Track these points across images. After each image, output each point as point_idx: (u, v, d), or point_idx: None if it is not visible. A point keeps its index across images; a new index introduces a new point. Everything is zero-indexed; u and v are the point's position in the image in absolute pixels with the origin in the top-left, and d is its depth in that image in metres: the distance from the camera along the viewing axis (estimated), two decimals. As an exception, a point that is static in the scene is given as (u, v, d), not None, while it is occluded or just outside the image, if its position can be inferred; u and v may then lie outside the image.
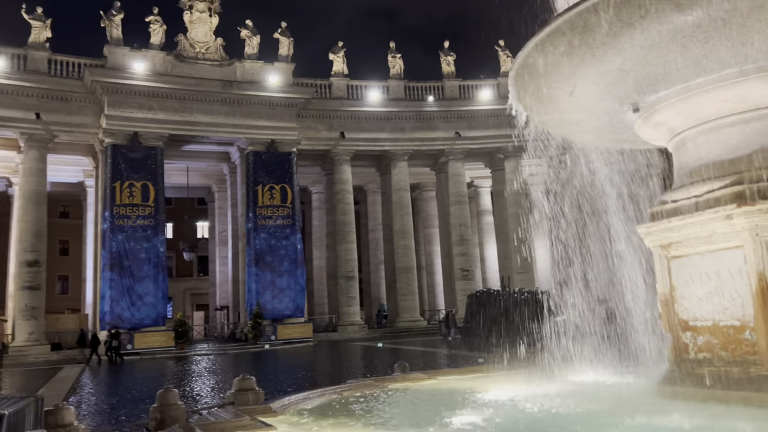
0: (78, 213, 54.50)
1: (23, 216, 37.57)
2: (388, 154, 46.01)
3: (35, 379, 23.49)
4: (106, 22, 38.51)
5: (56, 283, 61.27)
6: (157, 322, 36.67)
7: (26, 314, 35.79)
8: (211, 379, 22.87)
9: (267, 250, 39.93)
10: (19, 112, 36.74)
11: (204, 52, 40.71)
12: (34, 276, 36.46)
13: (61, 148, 39.50)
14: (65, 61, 38.63)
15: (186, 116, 39.53)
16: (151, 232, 37.49)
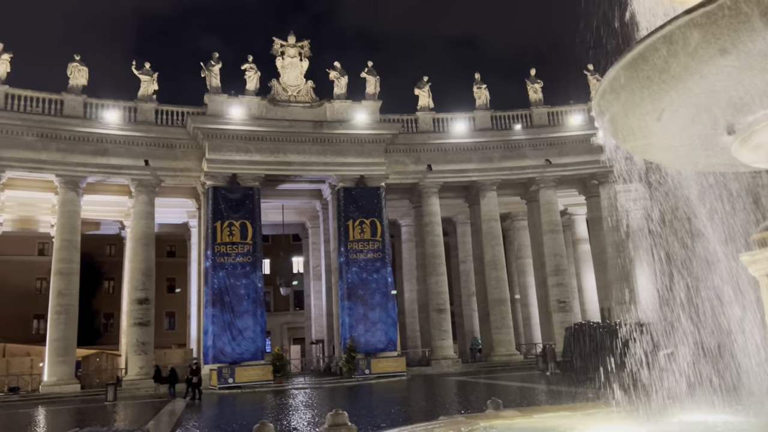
0: (183, 252, 57.76)
1: (134, 256, 40.29)
2: (477, 184, 45.70)
3: (145, 412, 24.80)
4: (205, 72, 41.18)
5: (164, 319, 64.88)
6: (257, 356, 37.84)
7: (137, 349, 38.07)
8: (307, 413, 23.21)
9: (359, 284, 40.45)
10: (129, 159, 39.79)
11: (296, 95, 42.48)
12: (144, 313, 38.83)
13: (167, 191, 42.24)
14: (170, 111, 41.55)
15: (280, 157, 41.22)
16: (249, 268, 39.02)
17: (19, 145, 37.24)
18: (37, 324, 63.13)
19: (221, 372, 35.70)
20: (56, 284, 37.78)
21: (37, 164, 37.78)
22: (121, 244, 51.52)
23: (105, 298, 68.29)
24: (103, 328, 68.98)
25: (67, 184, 38.43)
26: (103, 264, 67.51)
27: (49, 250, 47.42)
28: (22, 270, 62.55)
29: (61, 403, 32.23)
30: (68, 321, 37.17)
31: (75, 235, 38.68)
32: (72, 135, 38.58)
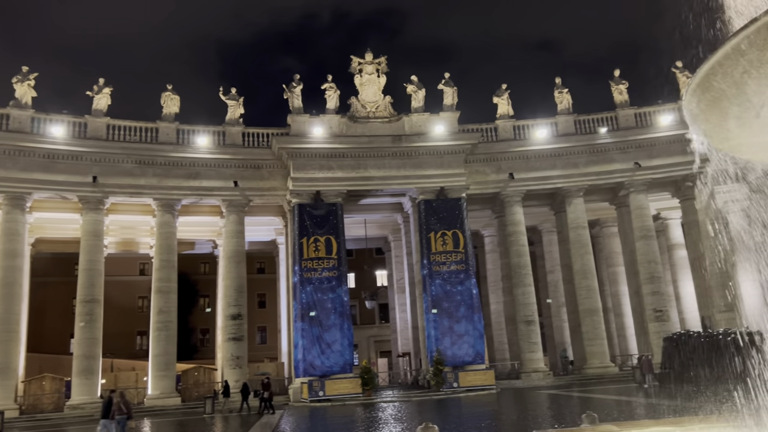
0: (272, 268, 59.63)
1: (227, 273, 42.00)
2: (562, 191, 44.49)
3: (241, 425, 25.66)
4: (288, 94, 42.60)
5: (256, 334, 67.08)
6: (345, 369, 38.35)
7: (232, 363, 39.56)
8: (397, 426, 23.24)
9: (443, 296, 40.23)
10: (220, 181, 41.68)
11: (374, 111, 43.10)
12: (238, 328, 40.34)
13: (255, 210, 43.85)
14: (255, 133, 43.24)
15: (361, 172, 41.87)
16: (335, 282, 39.73)
17: (120, 173, 39.88)
18: (140, 340, 67.02)
19: (312, 385, 36.42)
20: (156, 302, 39.97)
21: (136, 189, 40.29)
22: (214, 262, 53.85)
23: (201, 314, 71.50)
24: (200, 344, 72.18)
25: (163, 206, 40.71)
26: (198, 282, 70.80)
27: (149, 269, 50.27)
28: (125, 289, 66.62)
29: (164, 416, 33.93)
30: (168, 337, 39.19)
31: (172, 255, 40.82)
32: (167, 160, 40.90)
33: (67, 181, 38.67)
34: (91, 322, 37.83)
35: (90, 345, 37.50)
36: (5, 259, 36.98)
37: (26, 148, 37.79)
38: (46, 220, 42.38)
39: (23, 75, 38.78)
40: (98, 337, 38.02)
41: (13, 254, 37.29)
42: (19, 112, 38.00)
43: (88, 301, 38.09)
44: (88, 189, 38.95)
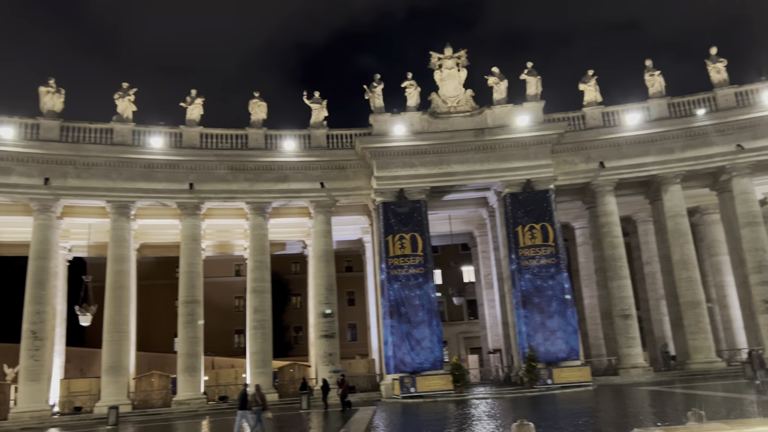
0: (359, 266, 60.59)
1: (317, 273, 43.06)
2: (657, 178, 42.38)
3: (336, 420, 26.23)
4: (369, 94, 43.07)
5: (347, 331, 68.39)
6: (435, 365, 38.35)
7: (325, 360, 40.54)
8: (490, 423, 22.99)
9: (533, 291, 39.36)
10: (307, 183, 42.79)
11: (455, 106, 42.78)
12: (329, 325, 41.28)
13: (341, 210, 44.68)
14: (339, 134, 44.04)
15: (444, 168, 41.68)
16: (422, 279, 39.79)
17: (214, 179, 41.79)
18: (238, 338, 70.01)
19: (403, 381, 36.69)
20: (252, 302, 41.59)
21: (229, 194, 42.08)
22: (304, 262, 55.36)
23: (293, 312, 73.77)
24: (294, 341, 74.50)
25: (255, 210, 42.28)
26: (290, 281, 73.12)
27: (244, 270, 52.35)
28: (222, 290, 69.84)
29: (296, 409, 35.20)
30: (264, 335, 40.69)
31: (265, 255, 42.33)
32: (256, 165, 42.44)
33: (166, 189, 40.96)
34: (192, 321, 39.90)
35: (192, 344, 39.55)
36: (114, 264, 39.69)
37: (129, 159, 40.34)
38: (148, 227, 45.05)
39: (124, 91, 41.42)
40: (199, 336, 40.04)
41: (120, 259, 39.95)
42: (122, 125, 40.62)
43: (189, 302, 40.18)
44: (185, 195, 41.09)
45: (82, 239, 44.71)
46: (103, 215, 40.97)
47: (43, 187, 38.44)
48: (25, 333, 37.00)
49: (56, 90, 39.95)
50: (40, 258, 38.15)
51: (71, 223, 42.32)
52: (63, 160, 39.08)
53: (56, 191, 38.79)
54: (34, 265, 37.99)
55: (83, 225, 43.08)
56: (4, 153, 37.85)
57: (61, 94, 40.09)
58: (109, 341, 38.41)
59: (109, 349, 38.24)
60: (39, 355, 36.87)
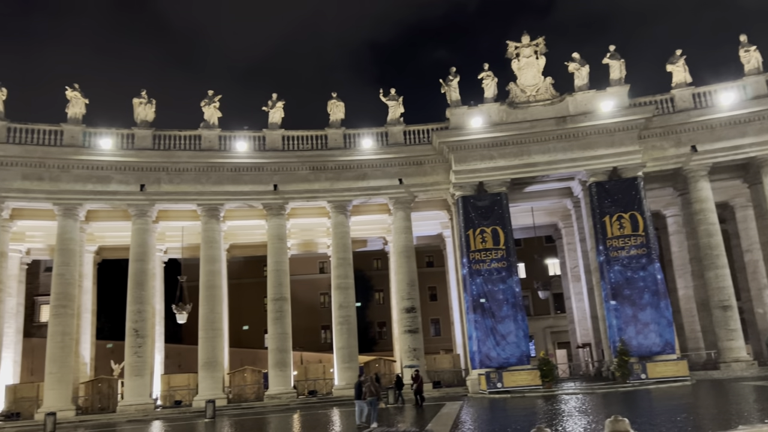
0: (440, 261, 60.49)
1: (398, 268, 43.35)
2: (756, 161, 39.70)
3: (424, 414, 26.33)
4: (445, 88, 42.81)
5: (430, 326, 68.45)
6: (522, 360, 37.71)
7: (410, 355, 40.77)
8: (582, 419, 22.39)
9: (623, 283, 37.89)
10: (386, 180, 43.13)
11: (535, 95, 41.80)
12: (412, 321, 41.47)
13: (420, 206, 44.72)
14: (416, 130, 44.09)
15: (524, 159, 40.83)
16: (505, 273, 39.21)
17: (296, 179, 42.91)
18: (324, 334, 71.63)
19: (489, 377, 36.34)
20: (336, 298, 42.43)
21: (311, 194, 43.09)
22: (385, 258, 55.88)
23: (376, 308, 74.64)
24: (378, 336, 75.39)
25: (336, 208, 43.07)
26: (372, 277, 73.99)
27: (328, 268, 53.49)
28: (308, 287, 71.65)
29: (351, 405, 35.87)
30: (349, 331, 41.41)
31: (347, 253, 43.06)
32: (336, 164, 43.21)
33: (252, 191, 42.47)
34: (281, 318, 41.18)
35: (281, 339, 40.83)
36: (206, 264, 41.57)
37: (216, 164, 42.11)
38: (237, 228, 46.85)
39: (209, 98, 43.25)
40: (288, 332, 41.28)
41: (212, 260, 41.79)
42: (209, 132, 42.45)
43: (277, 299, 41.49)
44: (270, 197, 42.44)
45: (176, 242, 47.11)
46: (194, 218, 42.97)
47: (140, 193, 40.80)
48: (129, 331, 39.45)
49: (148, 101, 42.24)
50: (139, 260, 40.54)
51: (166, 226, 44.65)
52: (156, 167, 41.30)
53: (151, 197, 41.06)
54: (134, 267, 40.41)
55: (177, 228, 45.37)
56: (104, 162, 40.46)
57: (152, 105, 42.36)
58: (204, 338, 40.29)
59: (204, 346, 40.13)
60: (141, 352, 39.21)
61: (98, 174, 40.43)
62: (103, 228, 44.77)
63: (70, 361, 38.66)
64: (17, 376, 43.97)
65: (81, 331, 43.57)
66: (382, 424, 22.24)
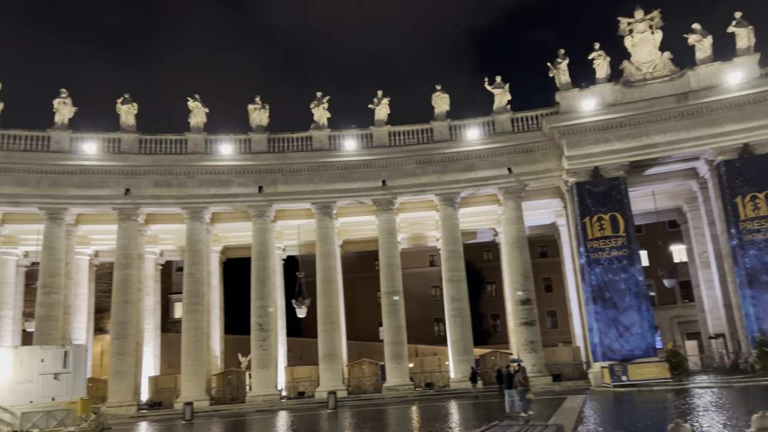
0: (554, 251, 58.68)
1: (511, 260, 42.57)
2: None
3: (545, 408, 25.71)
4: (553, 71, 41.37)
5: (546, 318, 66.70)
6: (648, 352, 35.81)
7: (527, 348, 39.93)
8: (721, 414, 20.89)
9: (761, 269, 34.87)
10: (494, 170, 42.44)
11: (651, 72, 39.42)
12: (528, 313, 40.57)
13: (531, 194, 43.59)
14: (524, 117, 42.99)
15: (643, 140, 38.64)
16: (626, 262, 37.37)
17: (403, 174, 43.29)
18: (437, 327, 71.84)
19: (613, 370, 34.83)
20: (448, 291, 42.39)
21: (419, 188, 43.28)
22: (496, 249, 55.02)
23: (489, 300, 73.83)
24: (492, 329, 74.54)
25: (444, 201, 42.98)
26: (483, 269, 73.24)
27: (438, 261, 53.52)
28: (419, 280, 72.14)
29: (467, 398, 35.80)
30: (463, 323, 41.24)
31: (457, 245, 42.86)
32: (443, 157, 43.07)
33: (361, 188, 43.35)
34: (395, 311, 41.77)
35: (396, 332, 41.41)
36: (322, 260, 42.98)
37: (327, 163, 43.38)
38: (349, 224, 48.03)
39: (318, 100, 44.59)
40: (402, 325, 41.78)
41: (327, 255, 43.14)
42: (319, 132, 43.81)
43: (390, 293, 42.12)
44: (379, 192, 43.11)
45: (292, 239, 49.09)
46: (309, 216, 44.54)
47: (258, 194, 42.89)
48: (253, 326, 41.63)
49: (261, 106, 44.25)
50: (261, 258, 42.65)
51: (283, 225, 46.63)
52: (272, 169, 43.23)
53: (269, 197, 43.04)
54: (256, 265, 42.57)
55: (293, 226, 47.25)
56: (225, 167, 42.93)
57: (266, 109, 44.34)
58: (323, 331, 41.71)
59: (323, 339, 41.55)
60: (266, 345, 41.27)
61: (220, 178, 42.97)
62: (227, 229, 47.51)
63: (202, 354, 41.47)
64: (157, 368, 47.81)
65: (211, 326, 46.56)
66: (500, 417, 21.95)
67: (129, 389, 39.86)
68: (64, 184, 40.87)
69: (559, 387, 38.07)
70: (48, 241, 40.16)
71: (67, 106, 41.87)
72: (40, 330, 38.78)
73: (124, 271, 41.14)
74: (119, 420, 35.30)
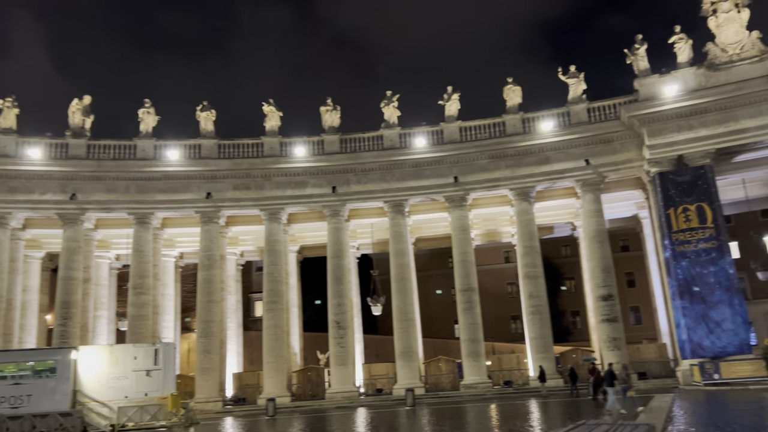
0: (636, 245, 56.44)
1: (590, 254, 41.28)
2: None
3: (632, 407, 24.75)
4: (631, 58, 39.77)
5: (629, 314, 64.26)
6: (741, 349, 33.82)
7: (609, 345, 38.63)
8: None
9: None
10: (570, 162, 41.29)
11: (739, 53, 37.18)
12: (610, 309, 39.22)
13: (611, 186, 42.11)
14: (600, 106, 41.58)
15: (730, 126, 36.52)
16: (715, 254, 35.46)
17: (476, 169, 42.83)
18: (514, 324, 70.67)
19: (704, 367, 33.18)
20: (525, 287, 41.60)
21: (492, 183, 42.70)
22: (574, 244, 53.52)
23: (568, 297, 71.94)
24: (571, 326, 72.58)
25: (519, 195, 42.20)
26: (561, 265, 71.43)
27: (513, 257, 52.64)
28: (494, 277, 71.19)
29: (556, 396, 34.99)
30: (542, 320, 40.36)
31: (534, 241, 41.98)
32: (516, 151, 42.32)
33: (433, 185, 43.24)
34: (470, 308, 41.39)
35: (472, 330, 41.03)
36: (396, 258, 43.17)
37: (398, 161, 43.54)
38: (421, 221, 47.95)
39: (388, 99, 44.81)
40: (478, 323, 41.35)
41: (401, 253, 43.30)
42: (390, 131, 44.04)
43: (465, 290, 41.78)
44: (451, 189, 42.85)
45: (366, 238, 49.56)
46: (381, 215, 44.85)
47: (332, 194, 43.59)
48: (331, 323, 42.35)
49: (333, 107, 44.93)
50: (336, 257, 43.33)
51: (356, 224, 47.15)
52: (345, 169, 43.82)
53: (342, 197, 43.66)
54: (332, 264, 43.29)
55: (366, 225, 47.69)
56: (300, 169, 43.90)
57: (337, 111, 44.98)
58: (399, 329, 41.90)
59: (399, 336, 41.74)
60: (344, 342, 41.89)
61: (295, 180, 43.98)
62: (303, 229, 48.53)
63: (283, 351, 42.59)
64: (240, 365, 49.47)
65: (290, 323, 47.72)
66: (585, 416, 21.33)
67: (215, 385, 41.45)
68: (150, 189, 43.00)
69: (645, 385, 36.58)
70: (137, 245, 42.37)
71: (150, 115, 44.06)
72: (132, 329, 41.00)
73: (207, 272, 42.83)
74: (206, 415, 36.77)
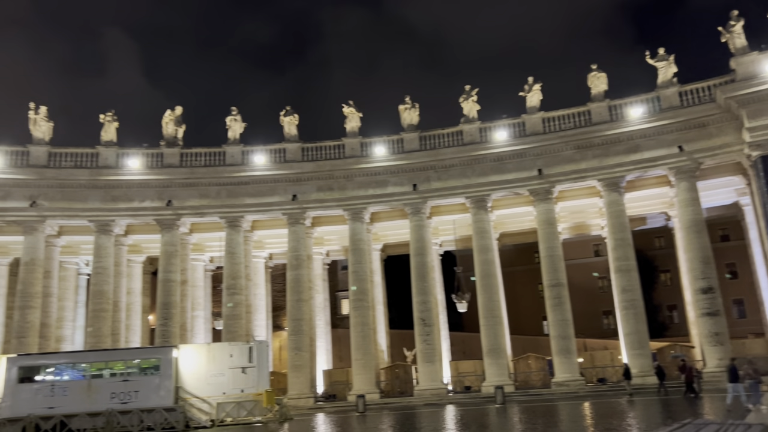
0: (738, 234, 52.98)
1: (687, 245, 39.15)
2: None
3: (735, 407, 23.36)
4: (726, 35, 37.42)
5: (731, 308, 60.47)
6: None
7: (711, 340, 36.52)
8: None
9: None
10: (662, 150, 39.36)
11: None
12: (711, 302, 37.07)
13: (707, 173, 39.80)
14: (693, 89, 39.36)
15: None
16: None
17: (560, 161, 41.63)
18: (606, 319, 68.23)
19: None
20: (618, 281, 40.02)
21: (578, 174, 41.36)
22: (668, 235, 51.00)
23: (664, 290, 68.74)
24: (668, 321, 69.24)
25: (608, 186, 40.63)
26: (655, 257, 68.32)
27: (603, 250, 50.73)
28: (583, 271, 69.01)
29: (645, 394, 33.58)
30: (636, 315, 38.69)
31: (625, 232, 40.31)
32: (603, 140, 40.78)
33: (516, 179, 42.42)
34: (559, 304, 40.30)
35: (562, 326, 39.92)
36: (480, 254, 42.70)
37: (479, 156, 43.05)
38: (504, 216, 47.13)
39: (467, 93, 44.35)
40: (569, 319, 40.18)
41: (485, 249, 42.77)
42: (469, 126, 43.61)
43: (553, 285, 40.71)
44: (535, 182, 41.87)
45: (448, 235, 49.26)
46: (463, 211, 44.49)
47: (413, 192, 43.69)
48: (416, 320, 42.48)
49: (411, 105, 45.00)
50: (419, 254, 43.40)
51: (438, 221, 46.99)
52: (425, 167, 43.81)
53: (423, 194, 43.67)
54: (415, 261, 43.39)
55: (448, 222, 47.41)
56: (381, 168, 44.29)
57: (416, 108, 45.02)
58: (486, 326, 41.43)
59: (486, 333, 41.26)
60: (430, 340, 41.92)
61: (376, 179, 44.41)
62: (385, 227, 48.90)
63: (370, 348, 43.13)
64: (329, 362, 50.54)
65: (376, 321, 48.24)
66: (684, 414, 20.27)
67: (306, 382, 42.58)
68: (240, 194, 44.73)
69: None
70: (229, 247, 44.19)
71: (237, 122, 45.79)
72: (227, 328, 42.82)
73: (295, 272, 44.05)
74: (299, 411, 37.86)
